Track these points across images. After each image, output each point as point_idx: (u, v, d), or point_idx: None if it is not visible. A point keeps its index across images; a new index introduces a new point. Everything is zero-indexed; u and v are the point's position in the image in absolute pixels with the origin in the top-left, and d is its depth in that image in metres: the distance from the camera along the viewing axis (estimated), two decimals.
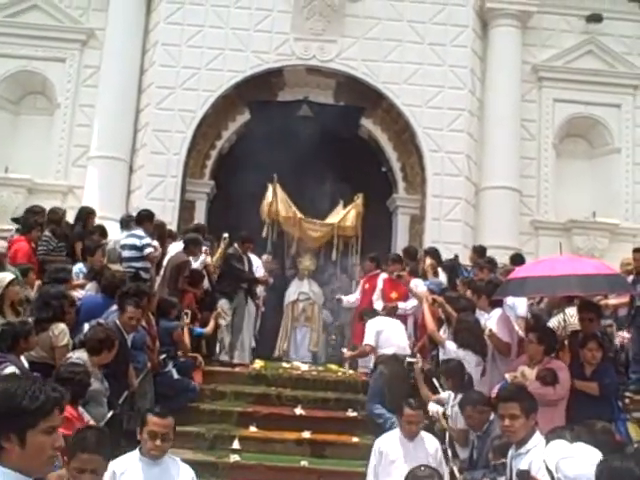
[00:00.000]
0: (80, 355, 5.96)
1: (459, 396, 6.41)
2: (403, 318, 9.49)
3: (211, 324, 9.04)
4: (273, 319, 11.93)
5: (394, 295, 9.96)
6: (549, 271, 6.69)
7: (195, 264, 9.53)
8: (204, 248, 9.82)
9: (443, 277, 10.23)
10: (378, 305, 9.58)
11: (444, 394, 6.90)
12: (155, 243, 9.15)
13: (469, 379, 6.54)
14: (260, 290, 11.01)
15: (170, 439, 4.52)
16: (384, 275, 10.28)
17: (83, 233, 9.54)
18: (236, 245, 10.30)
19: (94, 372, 5.72)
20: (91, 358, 5.93)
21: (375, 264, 10.74)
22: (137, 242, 8.93)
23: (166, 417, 4.51)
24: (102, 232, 9.68)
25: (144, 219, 9.38)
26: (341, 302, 11.15)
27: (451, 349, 6.92)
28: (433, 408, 6.85)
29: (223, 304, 9.82)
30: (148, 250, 8.90)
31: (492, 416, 5.69)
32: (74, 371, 5.38)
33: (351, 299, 10.89)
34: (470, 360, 6.76)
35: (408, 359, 7.77)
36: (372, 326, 8.42)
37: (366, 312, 9.06)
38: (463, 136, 13.59)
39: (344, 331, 11.73)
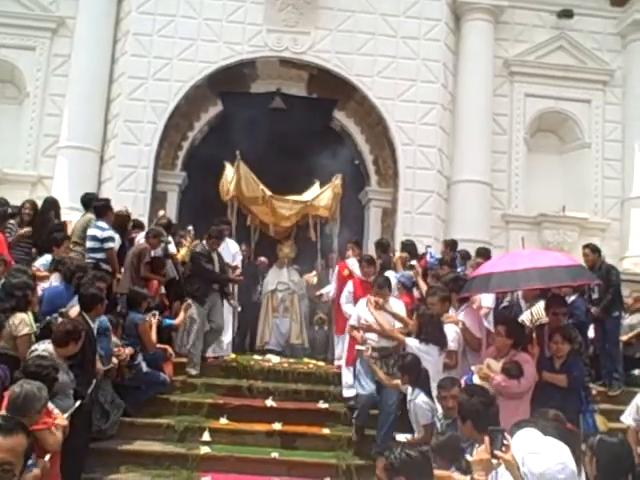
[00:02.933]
0: (46, 347, 5.90)
1: (417, 391, 6.44)
2: None
3: (181, 315, 8.96)
4: (245, 310, 11.61)
5: None
6: (511, 266, 6.77)
7: (154, 253, 9.45)
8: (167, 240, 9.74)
9: None
10: (347, 308, 8.80)
11: (402, 386, 6.86)
12: (116, 236, 9.07)
13: (425, 374, 6.55)
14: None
15: (14, 473, 2.63)
16: (355, 270, 9.63)
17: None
18: (204, 242, 9.62)
19: (60, 364, 5.64)
20: (57, 350, 5.86)
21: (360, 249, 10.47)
22: (98, 233, 8.87)
23: (12, 434, 2.67)
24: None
25: (104, 209, 9.25)
26: (322, 297, 10.77)
27: (413, 345, 6.91)
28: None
29: (193, 312, 9.07)
30: (109, 244, 8.84)
31: None
32: (42, 365, 5.26)
33: (330, 292, 10.24)
34: (433, 353, 6.76)
35: (357, 347, 7.54)
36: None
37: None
38: (435, 130, 13.66)
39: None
